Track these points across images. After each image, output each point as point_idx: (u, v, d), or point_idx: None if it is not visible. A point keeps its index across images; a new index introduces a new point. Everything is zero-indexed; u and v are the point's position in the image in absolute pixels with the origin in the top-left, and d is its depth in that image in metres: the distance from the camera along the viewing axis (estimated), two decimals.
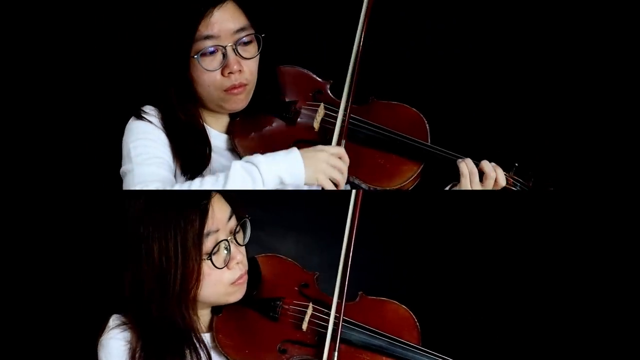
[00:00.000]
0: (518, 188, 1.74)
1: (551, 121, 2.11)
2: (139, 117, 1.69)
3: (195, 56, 1.64)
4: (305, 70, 1.82)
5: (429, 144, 1.75)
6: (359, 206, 1.60)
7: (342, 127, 1.70)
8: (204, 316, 1.64)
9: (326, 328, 1.59)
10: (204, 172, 1.70)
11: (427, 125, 1.77)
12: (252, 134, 1.76)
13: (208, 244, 1.52)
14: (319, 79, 1.81)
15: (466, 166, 1.69)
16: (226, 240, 1.54)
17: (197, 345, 1.57)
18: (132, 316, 1.57)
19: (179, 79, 1.67)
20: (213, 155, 1.74)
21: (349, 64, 1.70)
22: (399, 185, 1.73)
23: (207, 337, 1.63)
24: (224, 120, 1.78)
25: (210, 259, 1.52)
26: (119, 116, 1.73)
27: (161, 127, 1.69)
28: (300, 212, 2.08)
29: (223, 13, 1.65)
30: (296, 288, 1.68)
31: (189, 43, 1.63)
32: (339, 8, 1.92)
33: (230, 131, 1.77)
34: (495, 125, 2.11)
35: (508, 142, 2.05)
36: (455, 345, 1.62)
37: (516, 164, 1.75)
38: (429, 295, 2.04)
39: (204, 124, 1.76)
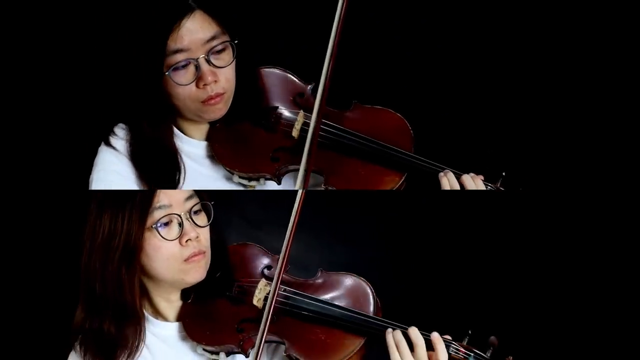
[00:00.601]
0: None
1: (538, 128, 2.05)
2: (107, 143, 1.68)
3: (167, 72, 1.59)
4: (287, 73, 1.76)
5: (412, 153, 1.69)
6: (300, 207, 1.58)
7: (312, 138, 1.64)
8: (174, 302, 1.67)
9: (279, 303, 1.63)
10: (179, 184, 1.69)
11: (411, 131, 1.72)
12: (231, 141, 1.73)
13: (156, 215, 1.56)
14: (299, 82, 1.75)
15: (447, 181, 1.64)
16: (179, 215, 1.57)
17: (139, 323, 1.62)
18: (82, 292, 1.61)
19: (150, 96, 1.63)
20: (191, 164, 1.72)
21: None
22: None
23: (175, 326, 1.67)
24: (204, 127, 1.74)
25: (157, 230, 1.55)
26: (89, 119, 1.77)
27: (127, 152, 1.67)
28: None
29: (192, 24, 1.59)
30: (259, 269, 1.70)
31: (159, 60, 1.59)
32: (320, 5, 1.85)
33: (209, 138, 1.74)
34: (482, 130, 2.06)
35: (495, 148, 2.01)
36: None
37: (503, 174, 1.68)
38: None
39: (182, 132, 1.73)
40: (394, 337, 1.56)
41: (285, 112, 1.73)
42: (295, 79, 1.75)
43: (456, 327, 1.61)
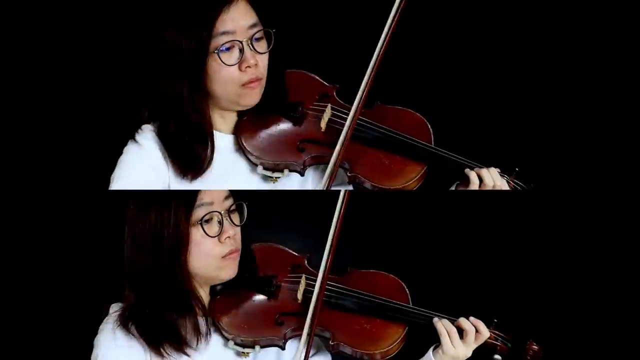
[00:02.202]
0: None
1: (554, 125, 2.15)
2: (134, 139, 1.74)
3: (215, 51, 1.67)
4: (312, 74, 1.85)
5: (432, 145, 1.78)
6: (344, 206, 1.67)
7: (348, 127, 1.75)
8: (203, 297, 1.69)
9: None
10: (204, 175, 1.74)
11: (430, 129, 1.81)
12: (259, 131, 1.79)
13: (199, 212, 1.61)
14: (325, 83, 1.84)
15: (443, 326, 1.70)
16: (219, 213, 1.62)
17: (195, 307, 1.65)
18: (128, 287, 1.65)
19: (193, 76, 1.69)
20: (217, 157, 1.77)
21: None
22: (402, 185, 1.76)
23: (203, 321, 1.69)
24: (232, 120, 1.81)
25: (202, 226, 1.60)
26: (122, 118, 1.80)
27: (153, 148, 1.73)
28: (300, 212, 2.09)
29: (236, 9, 1.69)
30: (289, 268, 1.75)
31: (207, 39, 1.67)
32: (346, 12, 1.98)
33: (237, 130, 1.80)
34: (497, 129, 2.15)
35: (510, 146, 2.09)
36: None
37: (517, 169, 1.78)
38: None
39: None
40: (443, 325, 1.67)
41: (313, 106, 1.81)
42: (320, 80, 1.84)
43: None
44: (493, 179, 1.73)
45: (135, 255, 1.64)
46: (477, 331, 1.68)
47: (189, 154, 1.73)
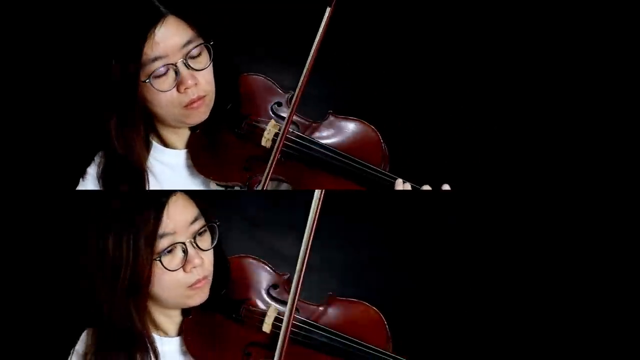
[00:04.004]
0: None
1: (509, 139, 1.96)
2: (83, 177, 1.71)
3: (147, 80, 1.59)
4: (268, 80, 1.73)
5: (375, 167, 1.64)
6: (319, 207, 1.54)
7: (279, 142, 1.65)
8: (174, 317, 1.66)
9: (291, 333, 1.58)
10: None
11: (381, 144, 1.66)
12: (209, 149, 1.72)
13: (161, 245, 1.52)
14: (279, 90, 1.72)
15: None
16: (183, 243, 1.54)
17: (148, 349, 1.60)
18: (89, 317, 1.62)
19: (124, 106, 1.63)
20: (170, 173, 1.73)
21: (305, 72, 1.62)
22: None
23: (176, 340, 1.66)
24: (185, 135, 1.74)
25: (160, 260, 1.52)
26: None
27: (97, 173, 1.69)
28: (300, 212, 2.01)
29: (165, 30, 1.59)
30: (263, 290, 1.65)
31: (136, 68, 1.58)
32: (299, 13, 1.80)
33: (188, 146, 1.74)
34: (456, 143, 1.97)
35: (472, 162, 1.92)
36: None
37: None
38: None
39: (163, 142, 1.74)
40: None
41: (261, 120, 1.70)
42: (275, 86, 1.72)
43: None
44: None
45: (94, 291, 1.57)
46: None
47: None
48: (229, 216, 2.00)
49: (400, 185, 1.61)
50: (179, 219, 1.54)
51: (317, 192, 1.52)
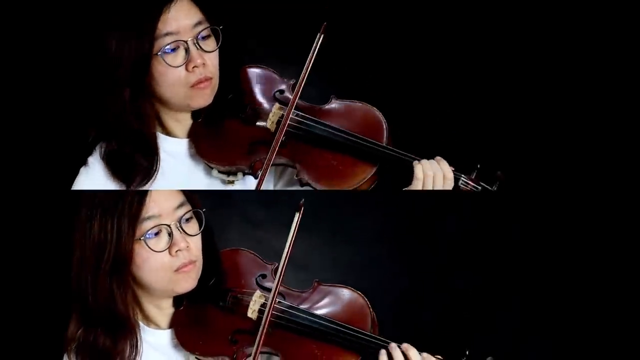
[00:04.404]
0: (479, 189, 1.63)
1: (511, 120, 2.02)
2: (85, 164, 1.71)
3: (159, 53, 1.63)
4: (269, 70, 1.77)
5: (384, 144, 1.67)
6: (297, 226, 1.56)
7: (283, 125, 1.68)
8: (165, 309, 1.65)
9: (274, 317, 1.58)
10: (157, 180, 1.70)
11: (384, 125, 1.70)
12: (211, 135, 1.74)
13: (145, 226, 1.54)
14: (280, 78, 1.76)
15: (422, 169, 1.61)
16: (168, 225, 1.54)
17: (133, 334, 1.59)
18: (74, 302, 1.60)
19: (136, 82, 1.65)
20: (172, 161, 1.73)
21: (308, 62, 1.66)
22: (353, 187, 1.66)
23: (168, 333, 1.65)
24: (187, 123, 1.76)
25: (145, 241, 1.53)
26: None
27: (100, 163, 1.70)
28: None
29: (179, 9, 1.64)
30: (253, 278, 1.65)
31: (150, 41, 1.62)
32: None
33: (191, 134, 1.75)
34: (458, 125, 2.03)
35: (470, 143, 1.97)
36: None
37: (478, 165, 1.65)
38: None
39: (165, 131, 1.75)
40: (423, 169, 1.60)
41: (264, 105, 1.74)
42: (276, 75, 1.76)
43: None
44: (433, 168, 1.62)
45: (79, 274, 1.57)
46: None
47: (129, 165, 1.69)
48: (228, 217, 2.02)
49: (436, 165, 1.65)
50: (164, 203, 1.56)
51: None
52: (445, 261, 2.08)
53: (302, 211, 1.53)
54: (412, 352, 1.53)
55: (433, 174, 1.61)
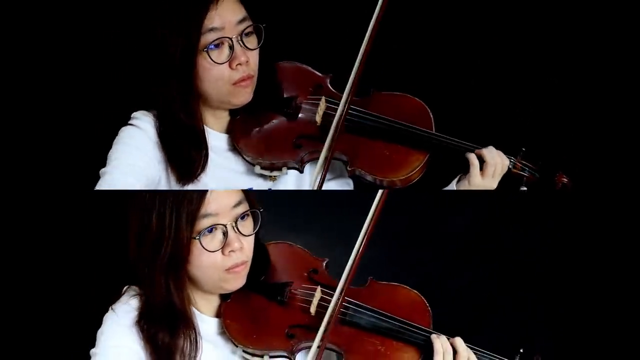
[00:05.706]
0: (527, 173, 1.69)
1: (555, 105, 2.10)
2: (130, 122, 1.69)
3: (205, 49, 1.61)
4: (304, 66, 1.79)
5: (434, 132, 1.71)
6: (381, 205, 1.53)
7: (339, 118, 1.68)
8: (212, 301, 1.63)
9: (340, 313, 1.57)
10: (200, 177, 1.68)
11: (430, 113, 1.74)
12: (253, 131, 1.73)
13: (202, 224, 1.50)
14: (318, 74, 1.78)
15: (475, 158, 1.66)
16: (224, 225, 1.52)
17: (190, 325, 1.56)
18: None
19: (182, 76, 1.63)
20: (212, 155, 1.72)
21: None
22: (406, 176, 1.69)
23: (214, 322, 1.62)
24: (225, 119, 1.75)
25: (199, 240, 1.50)
26: (112, 117, 1.74)
27: (151, 132, 1.67)
28: (301, 212, 2.04)
29: (224, 5, 1.63)
30: (305, 274, 1.65)
31: (196, 36, 1.61)
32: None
33: (231, 130, 1.74)
34: (500, 111, 2.10)
35: (513, 128, 2.03)
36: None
37: (523, 149, 1.71)
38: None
39: (204, 124, 1.73)
40: (442, 344, 1.55)
41: (308, 100, 1.75)
42: (313, 71, 1.78)
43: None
44: (494, 156, 1.67)
45: (137, 267, 1.55)
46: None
47: (184, 159, 1.67)
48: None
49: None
50: (222, 201, 1.53)
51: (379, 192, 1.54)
52: (447, 261, 2.13)
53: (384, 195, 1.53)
54: (459, 341, 1.57)
55: (495, 163, 1.66)
